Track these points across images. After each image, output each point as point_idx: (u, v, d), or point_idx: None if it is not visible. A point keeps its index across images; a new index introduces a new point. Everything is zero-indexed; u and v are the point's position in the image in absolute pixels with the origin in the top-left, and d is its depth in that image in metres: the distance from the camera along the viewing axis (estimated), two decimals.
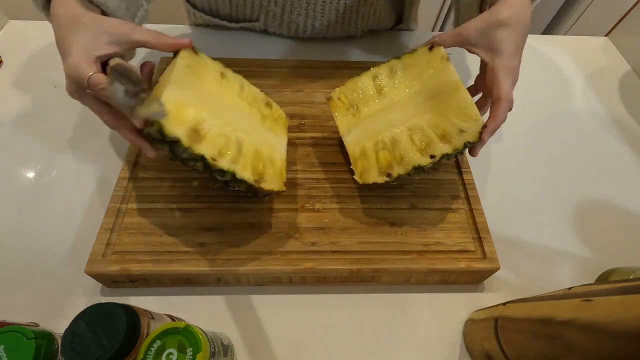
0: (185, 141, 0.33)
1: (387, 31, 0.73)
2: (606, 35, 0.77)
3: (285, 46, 0.69)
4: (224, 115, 0.38)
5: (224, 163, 0.36)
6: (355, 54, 0.68)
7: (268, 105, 0.46)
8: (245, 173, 0.37)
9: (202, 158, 0.34)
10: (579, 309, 0.27)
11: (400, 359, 0.41)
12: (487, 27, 0.40)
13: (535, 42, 0.74)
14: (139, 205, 0.45)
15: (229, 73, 0.43)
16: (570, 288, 0.30)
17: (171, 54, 0.40)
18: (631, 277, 0.43)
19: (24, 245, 0.45)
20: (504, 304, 0.37)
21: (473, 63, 0.70)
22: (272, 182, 0.39)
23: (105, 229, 0.43)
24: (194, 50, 0.40)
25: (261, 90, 0.46)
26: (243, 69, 0.58)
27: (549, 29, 1.47)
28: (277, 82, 0.59)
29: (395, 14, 0.71)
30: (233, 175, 0.36)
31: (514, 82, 0.41)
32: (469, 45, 0.43)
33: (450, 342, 0.42)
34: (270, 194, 0.42)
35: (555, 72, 0.70)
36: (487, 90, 0.43)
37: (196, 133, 0.35)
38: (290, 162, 0.50)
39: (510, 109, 0.41)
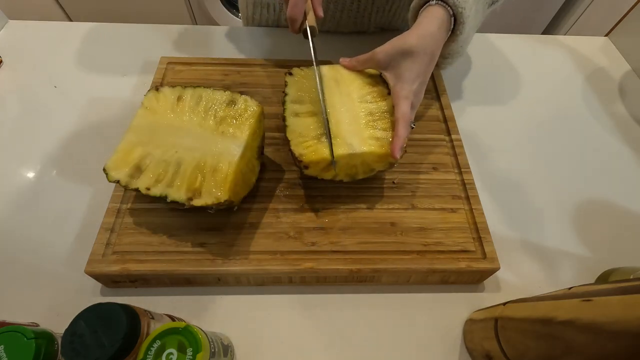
0: (123, 181, 0.40)
1: (397, 32, 0.73)
2: (606, 35, 0.77)
3: (295, 41, 0.69)
4: (168, 141, 0.43)
5: (156, 190, 0.40)
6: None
7: (231, 103, 0.45)
8: (178, 193, 0.40)
9: (137, 190, 0.40)
10: (579, 309, 0.27)
11: (400, 358, 0.41)
12: (395, 53, 0.44)
13: (535, 42, 0.74)
14: (139, 205, 0.45)
15: (188, 93, 0.46)
16: (570, 288, 0.30)
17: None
18: (631, 277, 0.43)
19: (24, 245, 0.45)
20: (504, 304, 0.37)
21: (460, 75, 0.70)
22: (209, 196, 0.39)
23: (105, 229, 0.43)
24: (157, 89, 0.46)
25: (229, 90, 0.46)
26: (242, 69, 0.58)
27: (549, 29, 1.47)
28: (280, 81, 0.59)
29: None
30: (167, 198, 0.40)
31: (417, 102, 0.46)
32: (380, 69, 0.47)
33: (450, 342, 0.42)
34: (234, 207, 0.42)
35: (555, 72, 0.70)
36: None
37: (138, 170, 0.41)
38: (290, 162, 0.50)
39: (412, 127, 0.45)
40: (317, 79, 0.46)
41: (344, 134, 0.43)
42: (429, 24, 0.45)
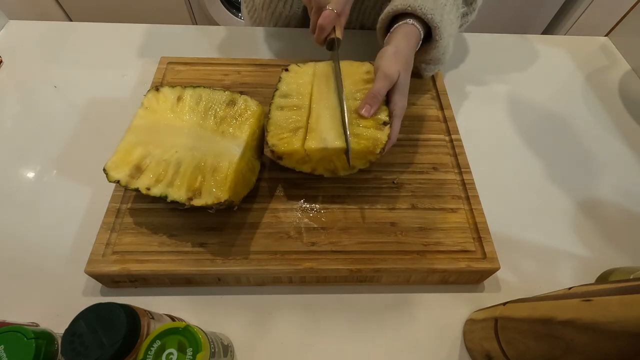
0: (123, 181, 0.40)
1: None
2: (606, 35, 0.77)
3: (296, 42, 0.69)
4: (168, 141, 0.43)
5: (156, 190, 0.40)
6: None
7: (231, 103, 0.45)
8: (179, 193, 0.40)
9: (138, 190, 0.40)
10: (579, 309, 0.27)
11: (400, 359, 0.41)
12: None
13: (535, 42, 0.74)
14: (139, 205, 0.45)
15: (187, 93, 0.46)
16: (570, 288, 0.30)
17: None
18: (631, 277, 0.43)
19: (24, 245, 0.45)
20: (504, 304, 0.37)
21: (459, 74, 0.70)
22: (209, 196, 0.39)
23: (105, 229, 0.43)
24: (157, 89, 0.46)
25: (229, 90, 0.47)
26: (244, 69, 0.58)
27: (549, 29, 1.47)
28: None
29: None
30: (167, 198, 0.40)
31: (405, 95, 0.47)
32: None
33: (450, 342, 0.42)
34: (234, 207, 0.42)
35: (555, 72, 0.70)
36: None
37: (138, 170, 0.41)
38: None
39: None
40: (337, 86, 0.46)
41: (320, 129, 0.43)
42: (405, 42, 0.48)
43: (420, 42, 0.51)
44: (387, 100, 0.46)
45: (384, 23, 0.53)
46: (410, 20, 0.49)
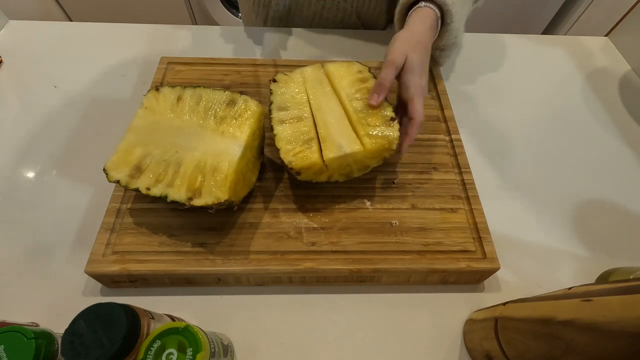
0: (123, 181, 0.40)
1: (381, 31, 0.74)
2: (606, 35, 0.77)
3: (295, 42, 0.69)
4: (168, 141, 0.43)
5: (156, 190, 0.40)
6: (350, 52, 0.68)
7: (231, 104, 0.45)
8: (179, 193, 0.40)
9: (138, 190, 0.40)
10: (579, 309, 0.27)
11: (400, 359, 0.41)
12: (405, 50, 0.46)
13: (535, 42, 0.74)
14: (139, 205, 0.45)
15: (187, 93, 0.46)
16: (570, 288, 0.30)
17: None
18: (631, 277, 0.43)
19: (24, 245, 0.45)
20: (504, 304, 0.37)
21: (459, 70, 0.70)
22: (209, 196, 0.39)
23: (105, 229, 0.43)
24: (157, 89, 0.46)
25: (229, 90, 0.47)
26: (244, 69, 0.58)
27: (549, 29, 1.47)
28: None
29: (389, 10, 0.71)
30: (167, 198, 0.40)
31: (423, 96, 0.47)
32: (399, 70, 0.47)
33: (450, 342, 0.42)
34: (234, 207, 0.42)
35: (555, 72, 0.70)
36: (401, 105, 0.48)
37: (138, 170, 0.41)
38: None
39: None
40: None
41: (333, 136, 0.43)
42: (420, 24, 0.49)
43: (440, 22, 0.51)
44: (400, 86, 0.46)
45: (400, 15, 0.54)
46: (423, 4, 0.50)
